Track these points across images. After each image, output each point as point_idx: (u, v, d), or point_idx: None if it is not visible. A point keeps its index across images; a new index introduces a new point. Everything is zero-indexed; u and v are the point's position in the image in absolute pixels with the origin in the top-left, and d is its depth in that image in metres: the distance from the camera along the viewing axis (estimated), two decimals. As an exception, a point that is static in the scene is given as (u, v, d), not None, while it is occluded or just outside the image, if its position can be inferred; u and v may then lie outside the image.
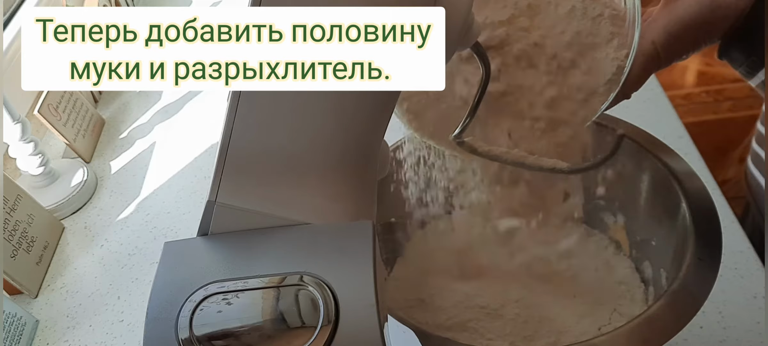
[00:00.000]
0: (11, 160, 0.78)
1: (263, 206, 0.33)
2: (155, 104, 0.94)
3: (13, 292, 0.67)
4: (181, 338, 0.30)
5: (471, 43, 0.36)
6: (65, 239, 0.75)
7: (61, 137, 0.81)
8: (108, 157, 0.86)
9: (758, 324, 0.54)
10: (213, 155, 0.33)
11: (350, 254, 0.32)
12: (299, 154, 0.34)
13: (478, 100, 0.41)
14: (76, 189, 0.78)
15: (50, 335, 0.64)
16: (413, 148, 0.49)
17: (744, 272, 0.58)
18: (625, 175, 0.53)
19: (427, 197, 0.54)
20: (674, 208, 0.48)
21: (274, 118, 0.33)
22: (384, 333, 0.30)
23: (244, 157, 0.33)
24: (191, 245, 0.34)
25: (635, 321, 0.40)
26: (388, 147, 0.42)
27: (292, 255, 0.32)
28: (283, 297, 0.30)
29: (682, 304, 0.40)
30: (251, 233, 0.33)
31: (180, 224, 0.75)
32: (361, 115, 0.34)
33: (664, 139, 0.52)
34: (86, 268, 0.71)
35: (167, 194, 0.79)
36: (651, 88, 0.81)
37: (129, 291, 0.67)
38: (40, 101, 0.78)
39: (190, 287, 0.31)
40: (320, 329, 0.30)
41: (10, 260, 0.65)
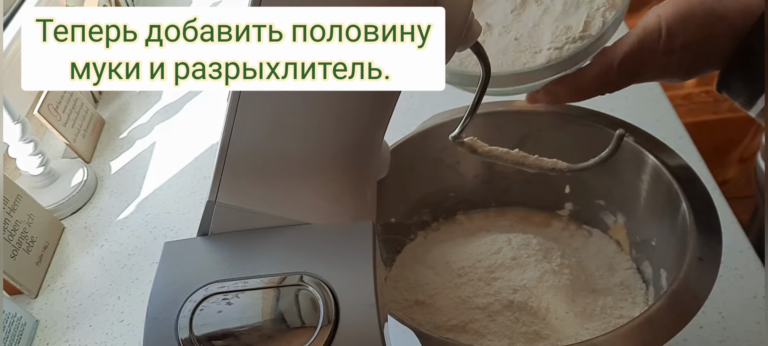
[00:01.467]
0: (11, 160, 0.78)
1: (263, 206, 0.33)
2: (155, 104, 0.94)
3: (13, 292, 0.67)
4: (181, 338, 0.30)
5: (471, 43, 0.36)
6: (65, 239, 0.75)
7: (61, 137, 0.81)
8: (108, 157, 0.86)
9: (758, 324, 0.54)
10: (213, 155, 0.33)
11: (350, 254, 0.32)
12: (299, 154, 0.34)
13: (478, 100, 0.41)
14: (76, 189, 0.78)
15: (50, 335, 0.64)
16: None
17: (744, 272, 0.58)
18: (625, 175, 0.53)
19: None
20: (674, 208, 0.48)
21: (274, 119, 0.33)
22: (384, 333, 0.30)
23: (244, 157, 0.33)
24: (191, 245, 0.34)
25: (635, 321, 0.40)
26: (388, 147, 0.42)
27: (292, 255, 0.32)
28: (283, 297, 0.30)
29: (682, 304, 0.40)
30: (251, 233, 0.33)
31: (180, 224, 0.75)
32: (361, 115, 0.34)
33: (664, 139, 0.52)
34: (86, 268, 0.71)
35: (167, 194, 0.79)
36: (651, 88, 0.81)
37: (129, 291, 0.67)
38: (40, 101, 0.78)
39: (190, 287, 0.31)
40: (320, 329, 0.30)
41: (10, 260, 0.65)
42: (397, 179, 0.50)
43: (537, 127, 0.56)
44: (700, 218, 0.46)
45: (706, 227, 0.45)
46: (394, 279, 0.56)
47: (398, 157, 0.51)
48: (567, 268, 0.52)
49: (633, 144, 0.52)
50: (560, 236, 0.59)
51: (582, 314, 0.50)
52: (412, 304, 0.52)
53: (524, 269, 0.51)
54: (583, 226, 0.59)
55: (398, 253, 0.59)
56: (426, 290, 0.53)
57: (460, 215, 0.62)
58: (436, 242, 0.60)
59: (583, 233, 0.59)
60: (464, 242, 0.57)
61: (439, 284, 0.52)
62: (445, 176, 0.60)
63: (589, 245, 0.58)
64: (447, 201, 0.61)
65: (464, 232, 0.60)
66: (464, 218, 0.62)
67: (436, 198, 0.61)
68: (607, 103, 0.78)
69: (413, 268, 0.56)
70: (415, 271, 0.55)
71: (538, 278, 0.51)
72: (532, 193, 0.61)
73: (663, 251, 0.50)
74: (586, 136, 0.54)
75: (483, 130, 0.49)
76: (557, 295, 0.50)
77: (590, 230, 0.59)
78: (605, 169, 0.48)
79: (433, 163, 0.59)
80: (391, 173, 0.41)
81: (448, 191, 0.61)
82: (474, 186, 0.61)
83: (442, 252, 0.56)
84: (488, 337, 0.49)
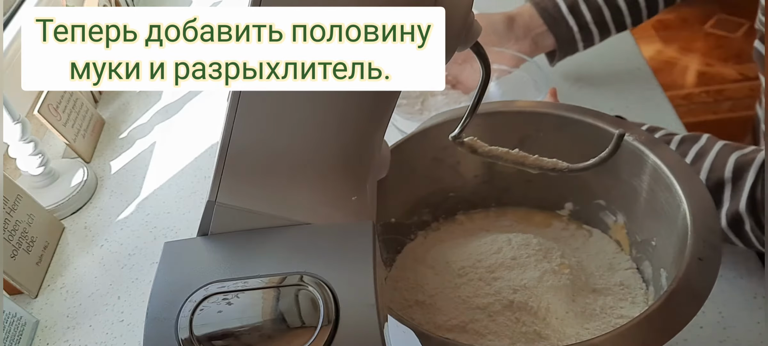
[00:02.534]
0: (11, 160, 0.78)
1: (263, 206, 0.33)
2: (155, 104, 0.94)
3: (13, 292, 0.67)
4: (181, 338, 0.30)
5: (471, 43, 0.36)
6: (65, 239, 0.75)
7: (61, 137, 0.81)
8: (108, 157, 0.86)
9: (758, 324, 0.54)
10: (213, 155, 0.33)
11: (350, 254, 0.32)
12: (299, 154, 0.34)
13: (478, 100, 0.41)
14: (76, 189, 0.78)
15: (50, 335, 0.64)
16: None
17: (744, 272, 0.58)
18: (625, 175, 0.53)
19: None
20: (674, 208, 0.48)
21: (274, 119, 0.33)
22: (384, 333, 0.30)
23: (244, 157, 0.33)
24: (191, 245, 0.34)
25: (635, 321, 0.40)
26: (388, 147, 0.42)
27: (292, 255, 0.32)
28: (283, 297, 0.30)
29: (682, 304, 0.40)
30: (251, 233, 0.33)
31: (180, 224, 0.75)
32: (361, 115, 0.34)
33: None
34: (86, 268, 0.71)
35: (167, 194, 0.79)
36: (651, 88, 0.81)
37: (129, 291, 0.67)
38: (40, 101, 0.78)
39: (190, 287, 0.31)
40: (320, 329, 0.30)
41: (10, 260, 0.65)
42: (397, 179, 0.50)
43: (537, 127, 0.56)
44: (700, 218, 0.46)
45: (706, 227, 0.45)
46: (394, 279, 0.56)
47: (398, 157, 0.51)
48: (567, 268, 0.52)
49: (633, 144, 0.52)
50: (560, 236, 0.59)
51: (582, 314, 0.50)
52: (412, 304, 0.52)
53: (524, 269, 0.51)
54: (583, 226, 0.59)
55: (398, 253, 0.59)
56: (426, 290, 0.53)
57: (460, 215, 0.62)
58: (436, 242, 0.60)
59: (583, 233, 0.59)
60: (464, 242, 0.57)
61: (439, 284, 0.52)
62: (445, 176, 0.60)
63: (589, 245, 0.58)
64: (447, 201, 0.61)
65: (464, 232, 0.60)
66: (464, 218, 0.62)
67: (436, 198, 0.61)
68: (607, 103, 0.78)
69: (413, 268, 0.56)
70: (415, 271, 0.55)
71: (538, 278, 0.51)
72: (532, 193, 0.61)
73: (663, 251, 0.50)
74: (586, 136, 0.54)
75: (483, 130, 0.49)
76: (557, 295, 0.50)
77: (590, 230, 0.59)
78: (605, 169, 0.47)
79: (433, 163, 0.59)
80: (391, 172, 0.42)
81: (448, 191, 0.61)
82: (474, 186, 0.61)
83: (442, 252, 0.56)
84: (488, 337, 0.49)
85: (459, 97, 0.78)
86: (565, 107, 0.56)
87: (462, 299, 0.51)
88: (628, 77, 0.85)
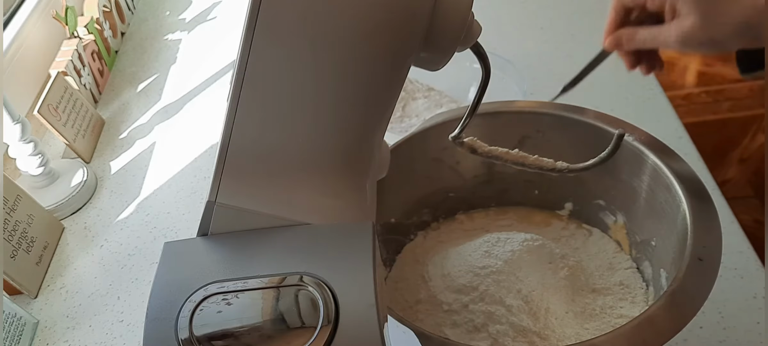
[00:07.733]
0: (11, 160, 0.78)
1: (263, 206, 0.33)
2: (155, 104, 0.94)
3: (13, 292, 0.67)
4: (181, 339, 0.30)
5: (471, 43, 0.36)
6: (65, 240, 0.75)
7: (61, 137, 0.81)
8: (108, 158, 0.86)
9: (758, 324, 0.54)
10: (213, 155, 0.33)
11: (350, 254, 0.32)
12: (299, 154, 0.34)
13: (478, 100, 0.41)
14: (76, 189, 0.78)
15: (50, 336, 0.64)
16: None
17: (744, 272, 0.58)
18: (625, 175, 0.53)
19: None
20: (674, 208, 0.48)
21: (274, 119, 0.33)
22: (384, 333, 0.30)
23: (244, 157, 0.33)
24: (191, 245, 0.34)
25: (635, 321, 0.40)
26: (388, 147, 0.42)
27: (292, 255, 0.32)
28: (282, 297, 0.30)
29: (682, 304, 0.40)
30: (251, 233, 0.33)
31: (180, 224, 0.75)
32: (361, 115, 0.34)
33: (664, 139, 0.52)
34: (86, 268, 0.71)
35: (167, 194, 0.79)
36: (651, 88, 0.81)
37: (129, 291, 0.67)
38: (40, 101, 0.78)
39: (190, 288, 0.31)
40: (320, 329, 0.30)
41: (10, 260, 0.65)
42: (397, 179, 0.50)
43: (537, 127, 0.56)
44: (700, 218, 0.46)
45: (706, 227, 0.45)
46: (394, 279, 0.56)
47: (398, 157, 0.51)
48: (567, 268, 0.52)
49: (633, 144, 0.52)
50: (560, 236, 0.59)
51: (582, 314, 0.50)
52: (412, 304, 0.52)
53: (524, 269, 0.51)
54: (583, 226, 0.59)
55: (398, 253, 0.59)
56: (426, 290, 0.53)
57: (460, 214, 0.62)
58: (436, 242, 0.60)
59: (583, 232, 0.59)
60: (464, 241, 0.57)
61: (438, 284, 0.52)
62: (445, 176, 0.60)
63: (589, 244, 0.58)
64: (447, 201, 0.61)
65: (464, 232, 0.60)
66: (464, 218, 0.62)
67: (436, 198, 0.61)
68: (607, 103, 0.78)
69: (413, 268, 0.56)
70: (415, 271, 0.55)
71: (538, 278, 0.51)
72: (532, 193, 0.61)
73: (663, 251, 0.50)
74: (586, 137, 0.54)
75: (483, 130, 0.49)
76: (557, 295, 0.50)
77: (590, 230, 0.59)
78: (605, 169, 0.47)
79: (433, 164, 0.59)
80: (391, 172, 0.41)
81: (448, 191, 0.61)
82: (474, 186, 0.61)
83: (442, 252, 0.56)
84: (489, 338, 0.49)
85: (440, 100, 0.78)
86: (565, 107, 0.56)
87: (462, 299, 0.51)
88: (628, 77, 0.84)
